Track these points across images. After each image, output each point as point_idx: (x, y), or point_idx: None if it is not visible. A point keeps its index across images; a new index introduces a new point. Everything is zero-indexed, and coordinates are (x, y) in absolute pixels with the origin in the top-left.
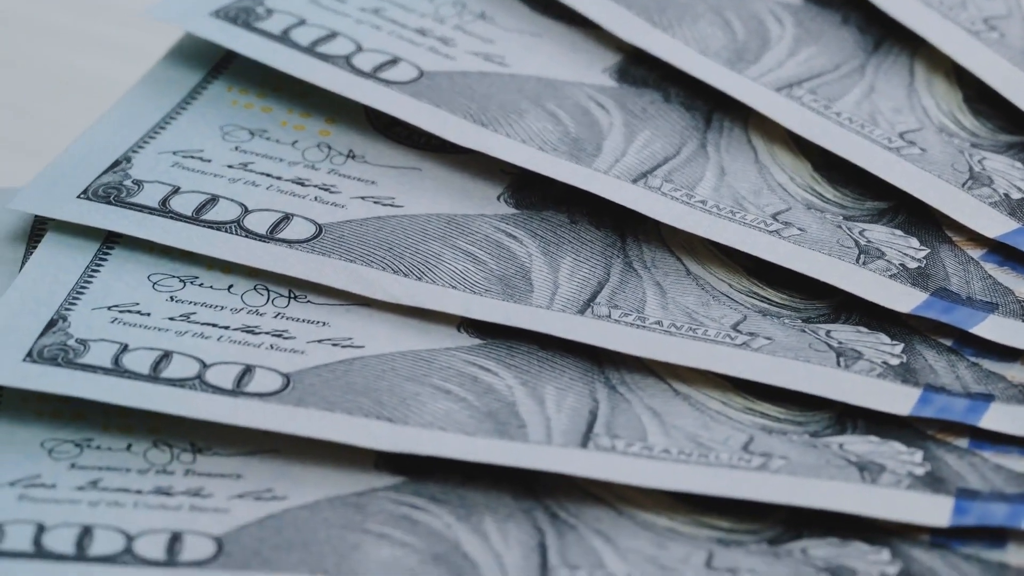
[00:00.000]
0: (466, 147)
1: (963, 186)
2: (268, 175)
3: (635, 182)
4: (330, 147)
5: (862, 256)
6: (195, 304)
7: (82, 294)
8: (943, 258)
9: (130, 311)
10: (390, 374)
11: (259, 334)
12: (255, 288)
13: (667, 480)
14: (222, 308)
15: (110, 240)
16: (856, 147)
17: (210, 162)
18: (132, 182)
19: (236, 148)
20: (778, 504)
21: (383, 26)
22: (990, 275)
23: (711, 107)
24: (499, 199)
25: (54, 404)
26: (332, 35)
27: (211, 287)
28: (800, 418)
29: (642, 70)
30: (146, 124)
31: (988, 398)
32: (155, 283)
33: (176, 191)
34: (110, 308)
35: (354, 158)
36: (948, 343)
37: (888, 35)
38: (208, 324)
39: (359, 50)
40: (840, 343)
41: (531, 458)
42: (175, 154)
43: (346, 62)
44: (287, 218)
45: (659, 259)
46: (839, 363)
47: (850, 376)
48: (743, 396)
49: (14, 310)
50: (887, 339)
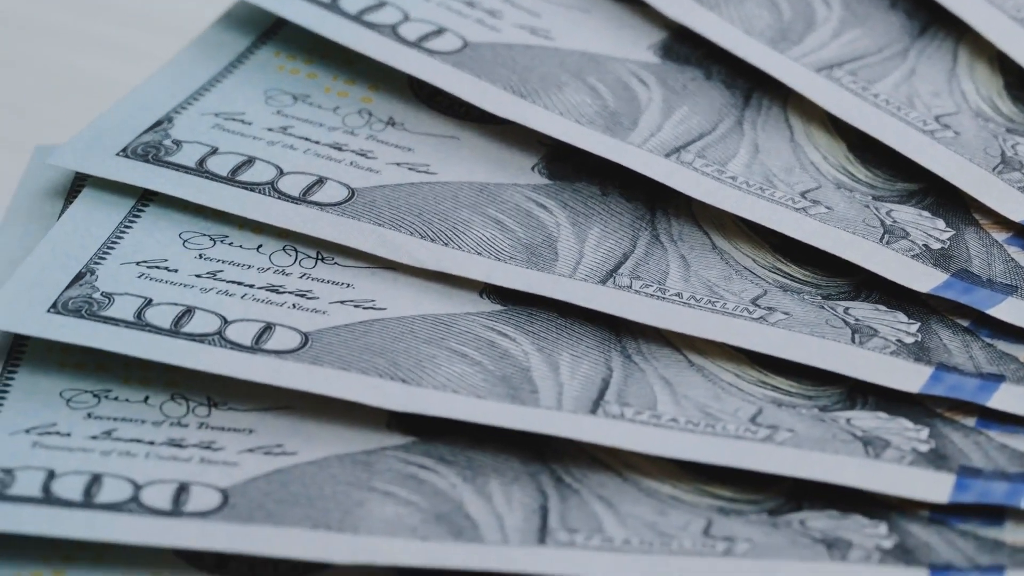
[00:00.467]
0: (504, 118)
1: (993, 170)
2: (306, 139)
3: (667, 156)
4: (371, 114)
5: (886, 236)
6: (223, 262)
7: (112, 249)
8: (967, 240)
9: (158, 267)
10: (408, 336)
11: (283, 293)
12: (284, 249)
13: (672, 448)
14: (249, 267)
15: (145, 198)
16: (890, 128)
17: (250, 124)
18: (172, 142)
19: (278, 112)
20: (781, 476)
21: None
22: (1012, 258)
23: (751, 86)
24: (533, 169)
25: (77, 355)
26: (380, 4)
27: (240, 246)
28: (811, 392)
29: (686, 48)
30: (191, 86)
31: (999, 378)
32: (185, 240)
33: (214, 152)
34: (138, 263)
35: (393, 125)
36: (965, 324)
37: (935, 21)
38: (233, 282)
39: (406, 19)
40: (857, 320)
41: (539, 422)
42: (217, 116)
43: (392, 31)
44: (321, 181)
45: (686, 233)
46: (854, 339)
47: (863, 353)
48: (757, 369)
49: (44, 262)
50: (904, 317)
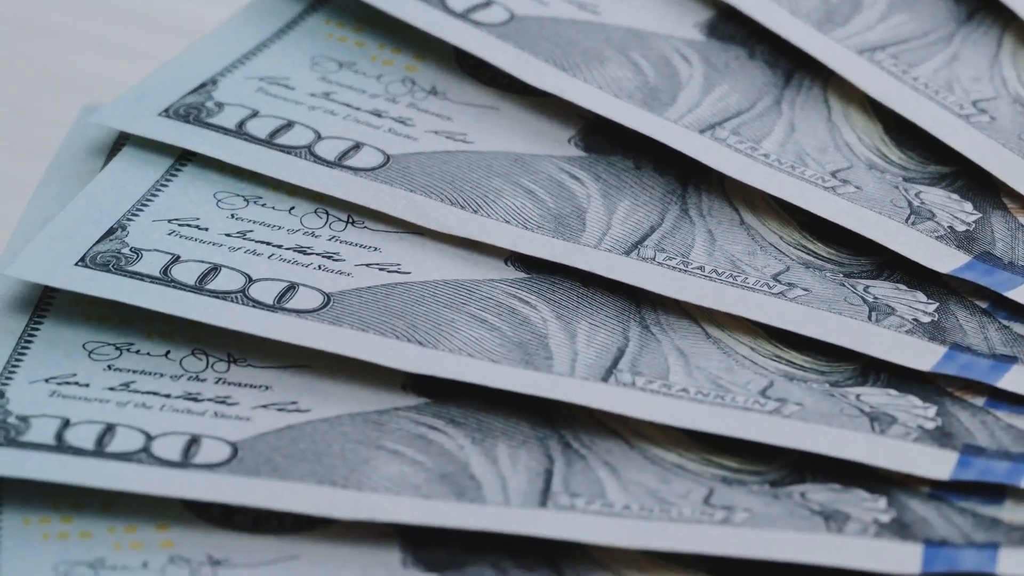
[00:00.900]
0: (545, 91)
1: None
2: (348, 105)
3: (702, 132)
4: (414, 82)
5: (912, 216)
6: (254, 222)
7: (146, 206)
8: (993, 223)
9: (189, 225)
10: (430, 300)
11: (310, 255)
12: (315, 211)
13: (678, 417)
14: (279, 228)
15: (184, 158)
16: (926, 111)
17: (293, 89)
18: (214, 103)
19: (322, 78)
20: (787, 448)
21: None
22: None
23: (794, 66)
24: (570, 142)
25: (102, 309)
26: None
27: (273, 208)
28: (825, 368)
29: (731, 27)
30: (238, 50)
31: (1011, 360)
32: (219, 200)
33: (255, 115)
34: (170, 221)
35: (435, 94)
36: (984, 305)
37: (983, 7)
38: (262, 242)
39: None
40: (876, 298)
41: (549, 388)
42: (261, 80)
43: (440, 2)
44: (357, 147)
45: (716, 208)
46: (870, 317)
47: (878, 330)
48: (773, 344)
49: (77, 216)
50: (923, 297)
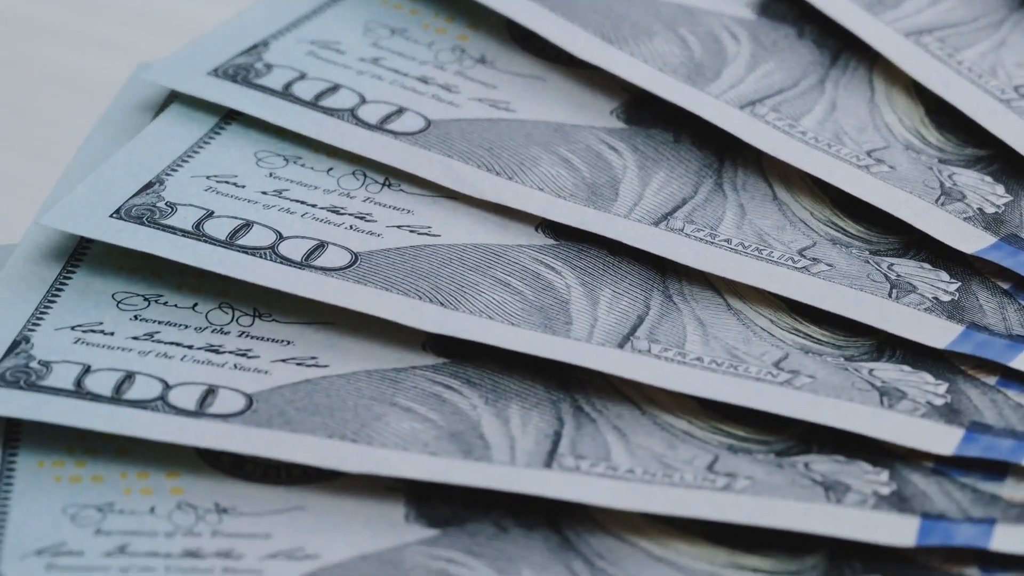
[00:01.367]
0: (590, 62)
1: None
2: (395, 71)
3: (742, 108)
4: (464, 51)
5: (943, 197)
6: (291, 182)
7: (186, 162)
8: (1022, 207)
9: (227, 182)
10: (456, 263)
11: (343, 215)
12: (353, 173)
13: (689, 385)
14: (315, 188)
15: (229, 117)
16: (967, 95)
17: (344, 54)
18: (263, 65)
19: (373, 44)
20: (796, 420)
21: None
22: None
23: (841, 46)
24: (612, 113)
25: (135, 261)
26: None
27: (311, 168)
28: (842, 342)
29: (782, 6)
30: (293, 14)
31: None
32: (259, 159)
33: (302, 77)
34: (208, 177)
35: (484, 63)
36: (1006, 287)
37: None
38: (297, 201)
39: None
40: (899, 275)
41: (565, 352)
42: (312, 43)
43: None
44: (400, 111)
45: (750, 183)
46: (891, 294)
47: (897, 307)
48: (793, 317)
49: (116, 170)
50: (946, 276)
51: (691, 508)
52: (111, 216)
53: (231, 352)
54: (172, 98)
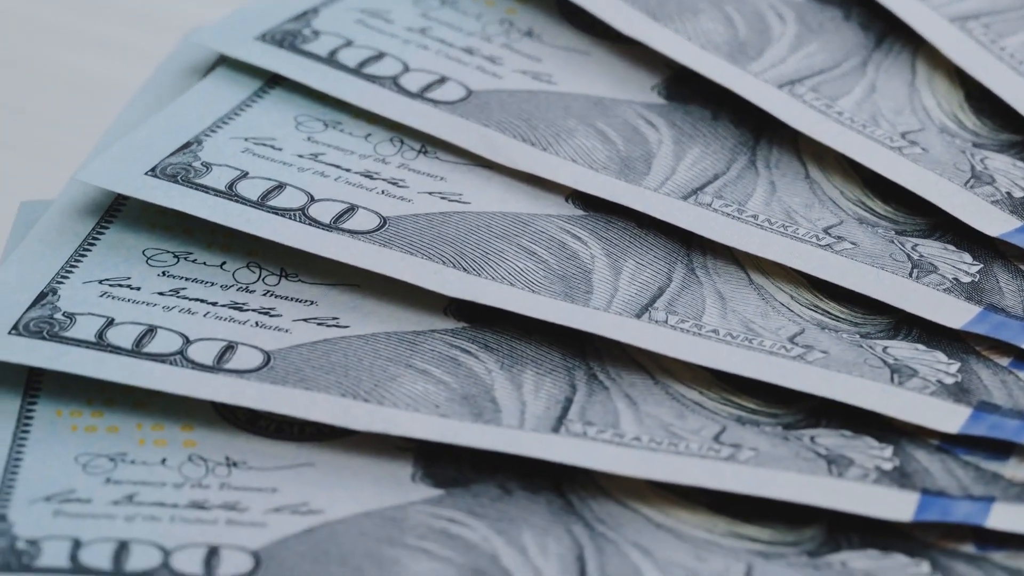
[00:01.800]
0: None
1: None
2: (441, 41)
3: (780, 88)
4: (511, 23)
5: (972, 180)
6: (328, 146)
7: (225, 125)
8: None
9: (264, 144)
10: (483, 230)
11: (376, 179)
12: (391, 140)
13: (702, 356)
14: (351, 153)
15: (273, 82)
16: (1006, 81)
17: (392, 23)
18: (311, 31)
19: (422, 14)
20: (806, 394)
21: None
22: None
23: (886, 29)
24: (652, 89)
25: (168, 219)
26: None
27: (350, 133)
28: (859, 319)
29: None
30: None
31: None
32: (299, 124)
33: (348, 44)
34: (246, 139)
35: (530, 36)
36: None
37: None
38: (332, 165)
39: None
40: (921, 256)
41: (582, 320)
42: (362, 11)
43: None
44: (442, 80)
45: (784, 162)
46: (911, 273)
47: (916, 286)
48: (814, 293)
49: (155, 130)
50: (968, 258)
51: (693, 477)
52: (146, 174)
53: (254, 310)
54: (220, 63)
